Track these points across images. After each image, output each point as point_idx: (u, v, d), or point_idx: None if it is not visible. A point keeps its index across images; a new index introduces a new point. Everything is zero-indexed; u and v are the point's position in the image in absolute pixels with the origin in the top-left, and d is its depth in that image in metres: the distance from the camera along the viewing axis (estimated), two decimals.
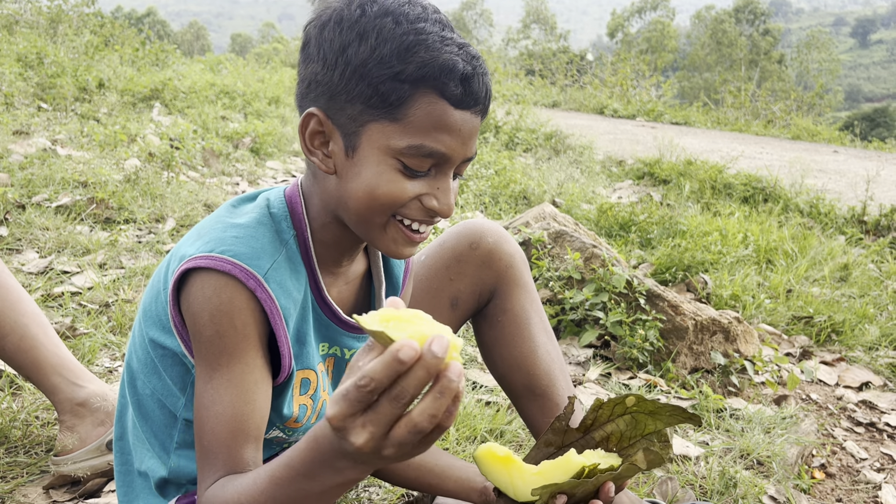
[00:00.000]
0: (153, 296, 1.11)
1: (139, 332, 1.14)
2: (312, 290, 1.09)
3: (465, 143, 0.99)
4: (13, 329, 1.55)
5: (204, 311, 0.97)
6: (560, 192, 5.26)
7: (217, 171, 5.13)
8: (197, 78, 9.12)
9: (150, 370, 1.12)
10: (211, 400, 0.98)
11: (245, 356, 0.99)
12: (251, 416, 0.99)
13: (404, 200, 0.98)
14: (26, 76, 7.30)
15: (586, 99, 13.68)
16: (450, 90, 0.95)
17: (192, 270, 0.98)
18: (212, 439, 0.97)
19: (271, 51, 27.03)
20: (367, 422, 0.71)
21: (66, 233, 2.95)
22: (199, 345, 0.99)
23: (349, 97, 0.97)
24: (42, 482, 1.49)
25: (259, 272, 0.99)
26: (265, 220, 1.06)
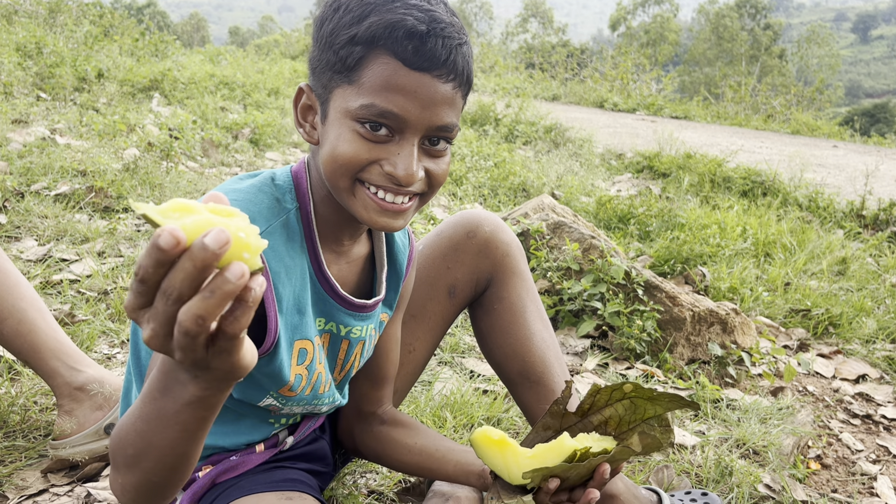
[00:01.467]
0: None
1: None
2: (312, 264, 1.10)
3: (424, 107, 0.97)
4: (11, 313, 1.55)
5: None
6: (559, 185, 5.26)
7: (216, 161, 5.13)
8: (196, 69, 9.10)
9: None
10: None
11: None
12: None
13: (361, 162, 0.98)
14: (25, 66, 7.28)
15: (586, 92, 13.66)
16: (401, 49, 0.95)
17: None
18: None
19: (272, 42, 26.95)
20: (150, 317, 0.64)
21: (64, 221, 2.95)
22: None
23: (322, 67, 1.01)
24: (40, 466, 1.50)
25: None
26: (266, 188, 1.07)
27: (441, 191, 4.78)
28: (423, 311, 1.43)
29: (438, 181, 1.05)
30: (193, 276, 0.61)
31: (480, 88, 12.31)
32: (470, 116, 7.87)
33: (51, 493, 1.43)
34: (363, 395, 1.34)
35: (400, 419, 1.36)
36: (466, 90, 1.04)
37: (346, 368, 1.23)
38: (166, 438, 0.78)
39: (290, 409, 1.18)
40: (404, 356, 1.43)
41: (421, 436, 1.32)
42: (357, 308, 1.17)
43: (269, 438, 1.22)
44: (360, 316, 1.18)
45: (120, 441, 0.83)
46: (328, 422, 1.40)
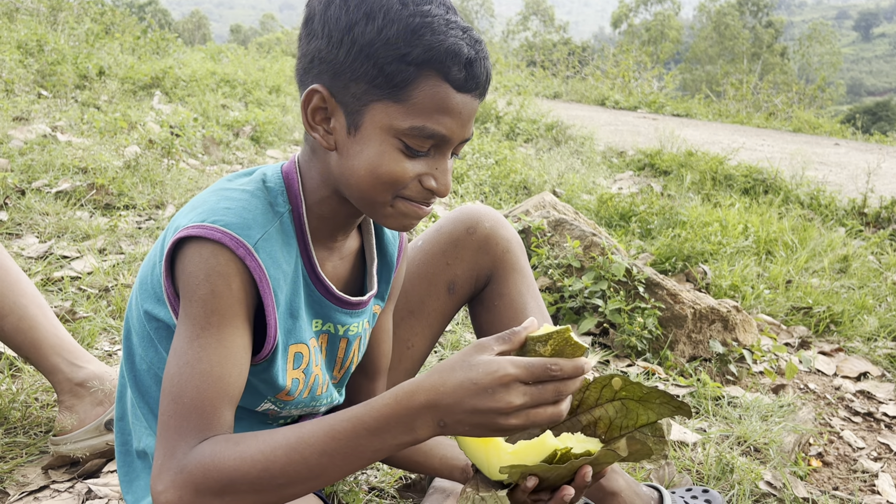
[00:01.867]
0: (149, 268, 1.11)
1: (135, 304, 1.14)
2: (305, 266, 1.09)
3: (464, 125, 1.01)
4: (12, 310, 1.55)
5: (200, 271, 0.96)
6: (560, 183, 5.26)
7: (217, 158, 5.13)
8: (198, 66, 9.10)
9: (147, 343, 1.12)
10: (197, 358, 0.95)
11: (235, 319, 0.98)
12: (236, 380, 0.97)
13: (406, 181, 1.00)
14: (27, 63, 7.28)
15: (588, 90, 13.64)
16: (453, 74, 0.97)
17: (185, 240, 0.98)
18: (195, 397, 0.93)
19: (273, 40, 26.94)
20: (529, 392, 0.86)
21: (65, 218, 2.95)
22: (191, 303, 0.97)
23: (354, 76, 0.98)
24: (41, 462, 1.50)
25: (249, 242, 0.99)
26: (259, 192, 1.06)
27: None
28: (421, 307, 1.43)
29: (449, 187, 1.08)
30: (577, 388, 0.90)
31: None
32: None
33: (51, 490, 1.43)
34: (358, 389, 1.34)
35: None
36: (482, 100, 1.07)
37: (345, 366, 1.23)
38: (349, 470, 0.91)
39: (289, 412, 1.17)
40: (403, 352, 1.43)
41: None
42: (352, 306, 1.16)
43: None
44: (355, 313, 1.18)
45: (267, 471, 0.89)
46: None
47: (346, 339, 1.19)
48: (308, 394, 1.15)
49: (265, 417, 1.18)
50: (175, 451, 0.91)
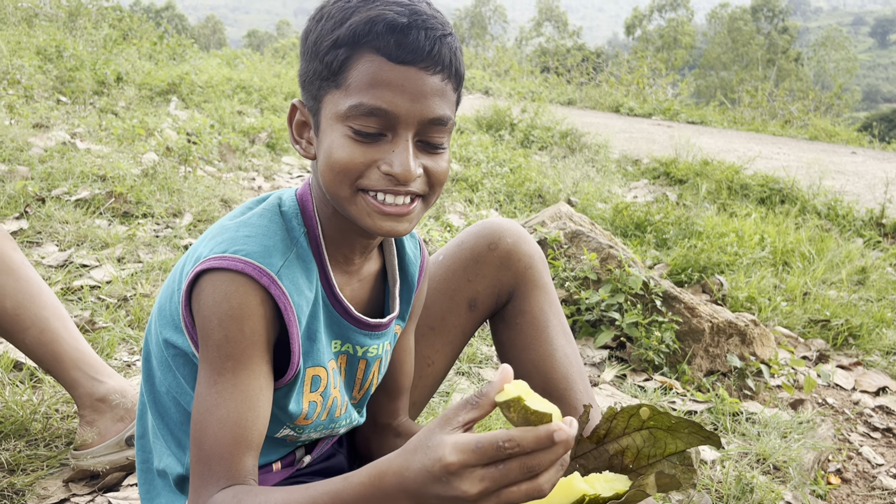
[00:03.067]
0: (168, 295, 1.11)
1: (154, 330, 1.14)
2: (324, 287, 1.09)
3: (413, 100, 0.95)
4: (34, 322, 1.56)
5: (214, 315, 0.97)
6: (575, 191, 5.25)
7: (234, 165, 5.15)
8: (214, 72, 9.15)
9: (165, 368, 1.12)
10: (214, 404, 0.98)
11: (251, 362, 0.99)
12: (254, 424, 0.99)
13: (358, 167, 0.97)
14: (46, 69, 7.34)
15: (602, 97, 13.61)
16: (383, 44, 0.95)
17: (205, 272, 0.98)
18: (214, 445, 0.97)
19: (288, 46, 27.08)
20: (487, 476, 0.76)
21: (85, 226, 2.97)
22: (206, 348, 0.99)
23: (311, 78, 1.00)
24: (62, 475, 1.51)
25: (272, 269, 0.99)
26: (276, 218, 1.06)
27: (457, 196, 4.78)
28: (442, 323, 1.42)
29: (439, 179, 1.02)
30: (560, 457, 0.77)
31: (495, 92, 12.30)
32: (485, 121, 7.87)
33: (72, 503, 1.43)
34: (379, 408, 1.34)
35: (415, 431, 1.35)
36: (457, 83, 1.02)
37: (364, 387, 1.23)
38: None
39: (308, 435, 1.17)
40: (423, 369, 1.43)
41: None
42: (372, 328, 1.16)
43: (285, 457, 1.22)
44: (375, 335, 1.17)
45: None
46: (345, 435, 1.39)
47: (366, 360, 1.19)
48: (326, 416, 1.15)
49: (283, 442, 1.18)
50: (200, 495, 0.97)
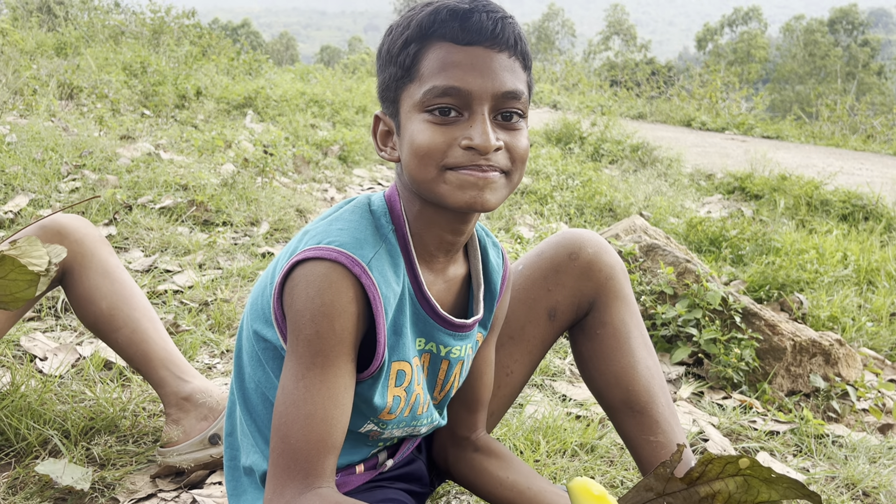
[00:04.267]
0: (260, 290, 1.15)
1: (246, 324, 1.18)
2: (412, 284, 1.11)
3: (484, 75, 1.00)
4: (126, 323, 1.63)
5: (307, 309, 1.00)
6: (647, 205, 5.16)
7: (307, 177, 5.27)
8: (288, 87, 9.39)
9: (256, 363, 1.16)
10: (302, 399, 1.00)
11: (339, 360, 1.01)
12: (339, 423, 1.01)
13: (440, 147, 1.00)
14: (131, 84, 7.66)
15: (673, 111, 13.38)
16: (449, 30, 1.01)
17: (300, 263, 1.02)
18: (299, 440, 0.99)
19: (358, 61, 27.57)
20: None
21: (168, 233, 3.08)
22: (297, 342, 1.01)
23: (388, 85, 1.06)
24: (149, 471, 1.56)
25: (363, 260, 1.02)
26: (366, 215, 1.10)
27: (527, 209, 4.76)
28: (521, 333, 1.42)
29: (520, 155, 1.05)
30: None
31: (564, 106, 12.24)
32: (555, 135, 7.84)
33: (159, 498, 1.48)
34: (457, 420, 1.34)
35: (494, 449, 1.34)
36: (524, 63, 1.06)
37: (445, 388, 1.23)
38: None
39: (391, 432, 1.18)
40: (501, 378, 1.42)
41: (514, 470, 1.29)
42: (456, 328, 1.17)
43: (368, 459, 1.23)
44: (459, 336, 1.18)
45: None
46: (423, 442, 1.40)
47: (448, 360, 1.19)
48: (409, 412, 1.16)
49: (366, 439, 1.19)
50: (283, 491, 0.99)
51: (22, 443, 1.54)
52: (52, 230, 1.61)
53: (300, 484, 0.98)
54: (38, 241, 1.20)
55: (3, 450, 1.53)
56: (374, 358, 1.07)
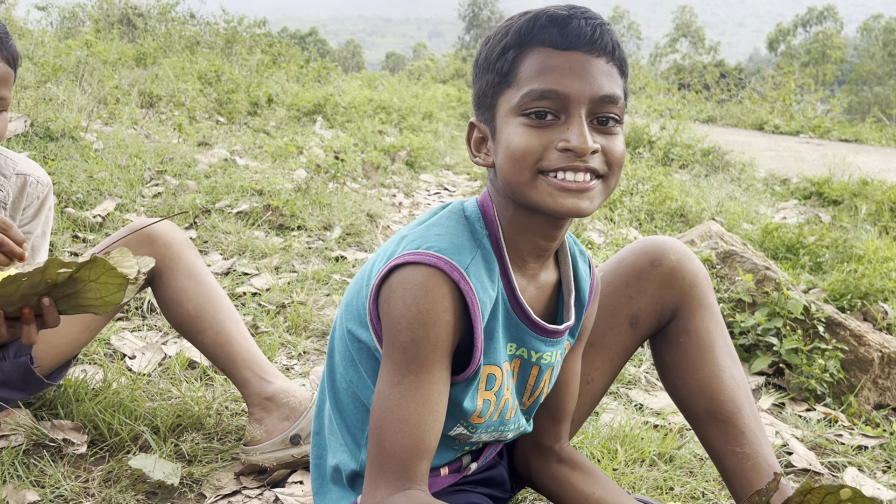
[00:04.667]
0: (356, 291, 1.16)
1: (340, 324, 1.20)
2: (505, 289, 1.12)
3: (581, 79, 1.01)
4: (211, 324, 1.68)
5: (402, 317, 1.01)
6: (720, 211, 5.04)
7: (376, 182, 5.33)
8: (356, 94, 9.54)
9: (348, 362, 1.18)
10: (396, 404, 1.02)
11: (433, 367, 1.03)
12: (432, 429, 1.03)
13: (536, 150, 1.01)
14: (206, 92, 7.90)
15: (744, 114, 13.04)
16: (547, 36, 1.02)
17: (398, 268, 1.03)
18: (393, 444, 1.01)
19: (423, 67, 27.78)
20: None
21: (245, 237, 3.17)
22: (392, 348, 1.03)
23: (484, 91, 1.08)
24: (233, 468, 1.60)
25: (461, 266, 1.03)
26: (462, 220, 1.11)
27: (597, 214, 4.71)
28: (602, 340, 1.41)
29: (617, 160, 1.05)
30: None
31: (632, 110, 12.07)
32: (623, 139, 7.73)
33: (243, 495, 1.52)
34: (541, 429, 1.33)
35: (578, 461, 1.33)
36: (621, 69, 1.06)
37: (535, 395, 1.23)
38: None
39: (479, 436, 1.19)
40: (583, 386, 1.41)
41: (599, 486, 1.27)
42: (548, 333, 1.17)
43: (453, 462, 1.24)
44: (550, 342, 1.18)
45: None
46: (505, 448, 1.40)
47: (539, 366, 1.19)
48: (498, 417, 1.16)
49: (453, 443, 1.20)
50: (376, 491, 1.02)
51: (115, 438, 1.61)
52: (143, 234, 1.68)
53: (392, 486, 1.00)
54: (129, 252, 1.26)
55: (97, 444, 1.60)
56: (468, 362, 1.08)
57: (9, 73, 1.47)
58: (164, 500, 1.45)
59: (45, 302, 1.24)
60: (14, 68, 1.49)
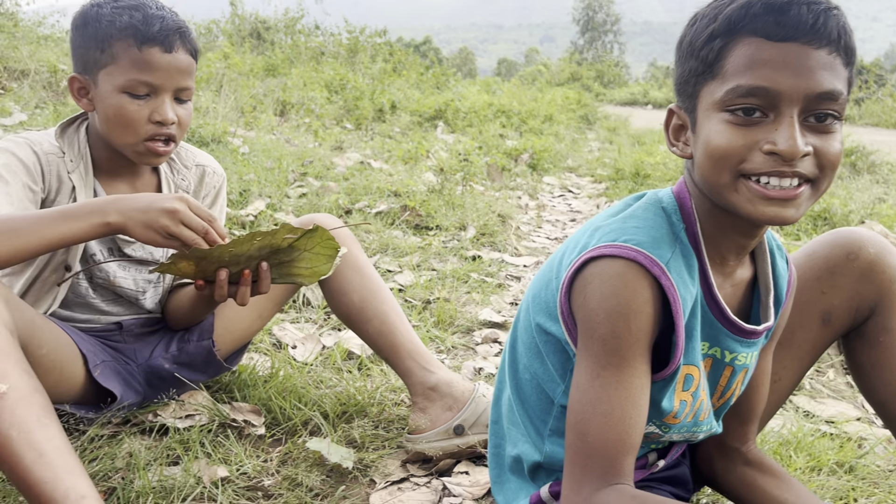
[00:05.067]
0: (544, 283, 1.15)
1: (525, 316, 1.19)
2: (702, 286, 1.07)
3: (798, 74, 0.91)
4: (375, 315, 1.72)
5: (601, 308, 0.98)
6: (871, 213, 4.73)
7: (501, 185, 5.34)
8: (475, 99, 9.61)
9: (534, 354, 1.16)
10: (598, 397, 0.98)
11: (635, 360, 0.99)
12: (636, 423, 0.99)
13: (739, 151, 0.94)
14: (333, 100, 8.17)
15: (885, 113, 12.21)
16: (761, 25, 0.93)
17: (594, 260, 1.00)
18: (598, 439, 0.98)
19: (535, 72, 27.72)
20: None
21: (385, 236, 3.24)
22: (591, 340, 1.00)
23: (686, 79, 1.01)
24: (398, 456, 1.63)
25: (661, 261, 0.99)
26: (660, 213, 1.06)
27: None
28: (791, 338, 1.33)
29: (831, 162, 0.95)
30: None
31: None
32: None
33: (412, 483, 1.54)
34: (728, 430, 1.27)
35: (768, 465, 1.26)
36: (847, 58, 0.95)
37: (725, 396, 1.18)
38: None
39: (670, 436, 1.15)
40: (770, 386, 1.34)
41: (794, 492, 1.20)
42: (745, 334, 1.11)
43: (639, 458, 1.20)
44: (746, 342, 1.12)
45: None
46: (689, 449, 1.35)
47: (732, 367, 1.14)
48: (692, 418, 1.12)
49: (643, 441, 1.16)
50: (580, 488, 0.98)
51: (287, 422, 1.67)
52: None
53: (598, 481, 0.97)
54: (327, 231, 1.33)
55: (271, 427, 1.67)
56: (668, 361, 1.04)
57: (192, 64, 1.55)
58: (338, 483, 1.49)
59: (263, 266, 1.33)
60: (196, 60, 1.58)
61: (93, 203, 1.29)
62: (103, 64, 1.49)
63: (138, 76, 1.47)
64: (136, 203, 1.28)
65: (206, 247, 1.29)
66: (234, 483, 1.43)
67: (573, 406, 1.01)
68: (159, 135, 1.51)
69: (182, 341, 1.70)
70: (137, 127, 1.50)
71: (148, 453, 1.48)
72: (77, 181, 1.54)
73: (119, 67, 1.48)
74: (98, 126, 1.55)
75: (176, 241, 1.29)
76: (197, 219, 1.29)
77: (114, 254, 1.61)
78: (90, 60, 1.51)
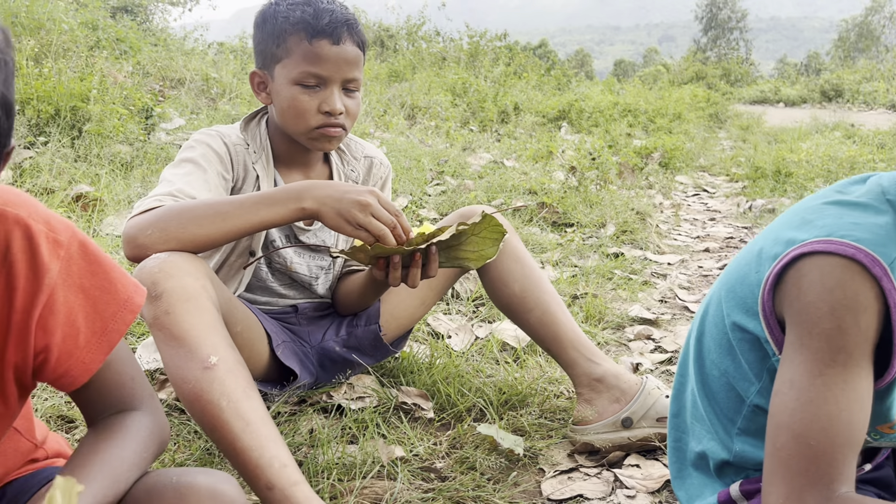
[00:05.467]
0: (740, 277, 1.08)
1: (717, 311, 1.12)
2: None
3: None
4: (537, 305, 1.71)
5: (824, 302, 0.91)
6: None
7: (632, 183, 5.23)
8: (599, 98, 9.47)
9: (725, 351, 1.10)
10: (822, 397, 0.90)
11: (862, 360, 0.91)
12: (862, 427, 0.91)
13: None
14: (456, 103, 8.26)
15: None
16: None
17: (806, 255, 0.93)
18: (821, 441, 0.90)
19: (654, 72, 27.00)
20: None
21: (524, 232, 3.24)
22: (811, 336, 0.92)
23: None
24: (563, 447, 1.62)
25: (885, 260, 0.90)
26: (884, 206, 0.96)
27: None
28: None
29: None
30: None
31: None
32: None
33: (581, 473, 1.53)
34: None
35: None
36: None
37: None
38: None
39: (880, 443, 1.07)
40: None
41: None
42: None
43: None
44: None
45: None
46: (891, 450, 1.26)
47: None
48: None
49: None
50: (803, 495, 0.90)
51: (452, 408, 1.70)
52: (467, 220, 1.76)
53: (825, 489, 0.89)
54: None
55: (438, 413, 1.69)
56: (884, 370, 0.95)
57: (359, 56, 1.60)
58: (509, 469, 1.49)
59: (432, 250, 1.36)
60: (364, 52, 1.63)
61: (289, 189, 1.35)
62: (279, 58, 1.57)
63: (308, 68, 1.54)
64: (330, 191, 1.33)
65: (393, 241, 1.33)
66: (409, 463, 1.46)
67: (786, 406, 0.93)
68: (329, 124, 1.57)
69: (351, 326, 1.76)
70: (308, 117, 1.56)
71: (327, 431, 1.53)
72: (260, 171, 1.62)
73: (292, 60, 1.55)
74: (275, 118, 1.63)
75: (363, 231, 1.33)
76: (386, 213, 1.33)
77: (290, 241, 1.69)
78: (268, 55, 1.59)
